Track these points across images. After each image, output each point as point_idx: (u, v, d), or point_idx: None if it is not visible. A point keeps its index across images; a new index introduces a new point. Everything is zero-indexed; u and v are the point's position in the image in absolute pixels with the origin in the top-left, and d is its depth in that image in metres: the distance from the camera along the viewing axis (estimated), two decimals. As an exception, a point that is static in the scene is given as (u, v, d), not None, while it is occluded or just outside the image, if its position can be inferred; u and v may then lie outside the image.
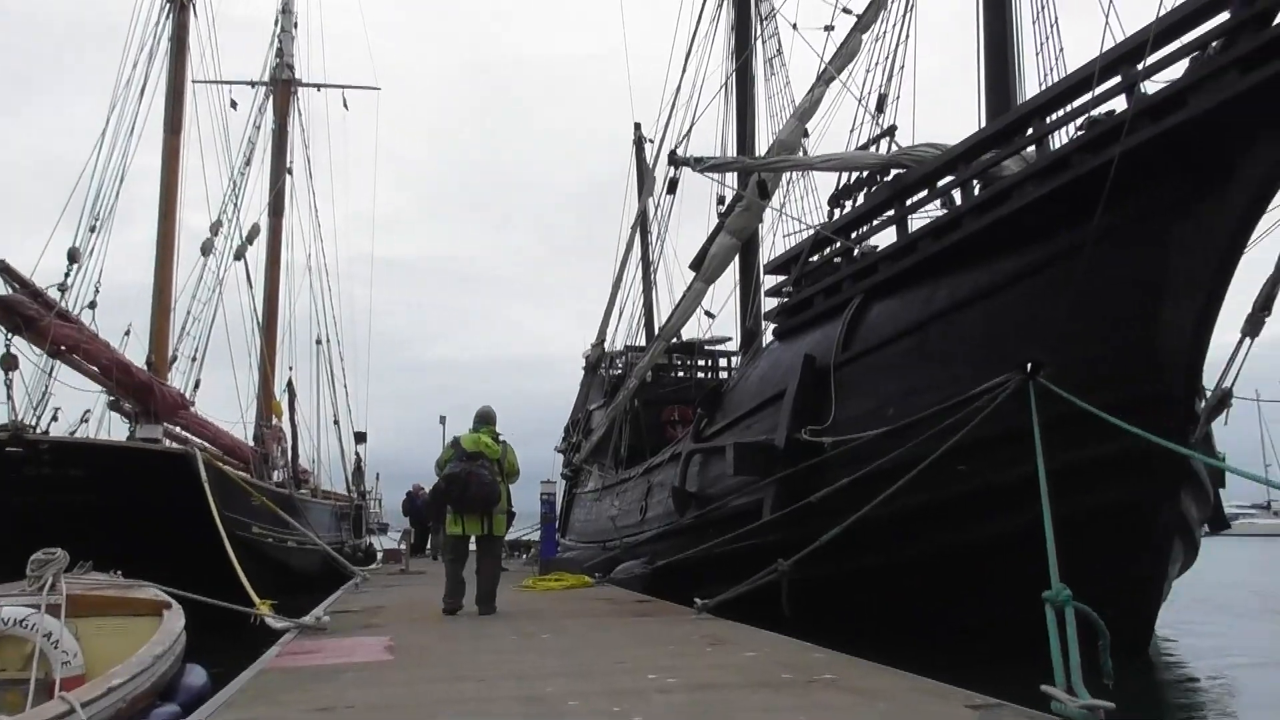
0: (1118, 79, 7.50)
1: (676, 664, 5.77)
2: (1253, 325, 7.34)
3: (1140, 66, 7.16)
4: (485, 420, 9.72)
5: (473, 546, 9.71)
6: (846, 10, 15.16)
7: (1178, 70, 7.21)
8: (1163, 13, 6.83)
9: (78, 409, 14.68)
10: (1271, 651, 10.84)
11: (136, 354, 15.27)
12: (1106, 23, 7.99)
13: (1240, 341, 7.39)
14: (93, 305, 14.34)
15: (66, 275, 13.34)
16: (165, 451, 13.06)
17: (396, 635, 7.54)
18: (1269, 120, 6.64)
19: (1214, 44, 6.88)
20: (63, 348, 12.55)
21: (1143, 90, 7.39)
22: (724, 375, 20.05)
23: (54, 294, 12.63)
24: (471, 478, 9.12)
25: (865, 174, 10.92)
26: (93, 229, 14.68)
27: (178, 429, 16.05)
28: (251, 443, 19.15)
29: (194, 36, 17.45)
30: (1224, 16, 6.81)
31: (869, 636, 7.08)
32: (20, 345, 11.81)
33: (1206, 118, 6.81)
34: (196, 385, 18.06)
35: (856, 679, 5.12)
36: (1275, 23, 6.49)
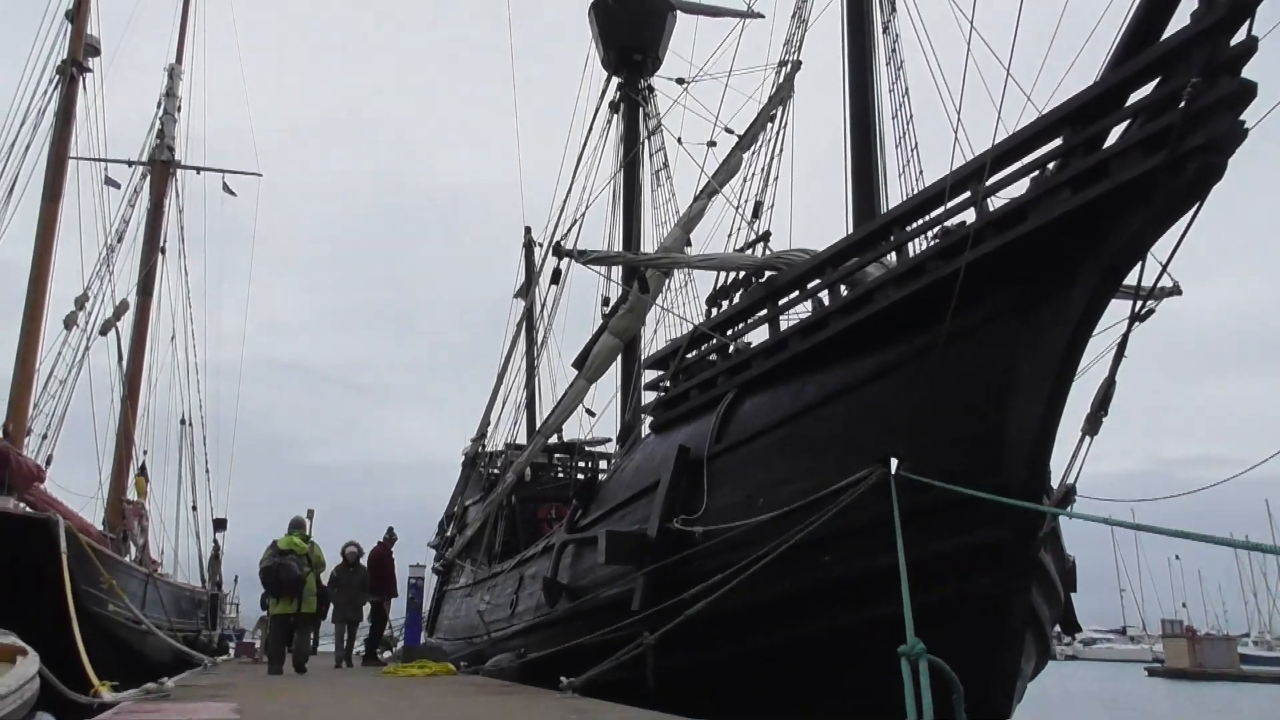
0: (967, 194, 8.14)
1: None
2: (1092, 424, 7.90)
3: (985, 184, 7.79)
4: (297, 526, 12.76)
5: None
6: (728, 130, 16.15)
7: (1024, 186, 7.89)
8: (1000, 139, 7.51)
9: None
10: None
11: (-12, 422, 14.63)
12: (956, 139, 8.67)
13: (1081, 440, 7.94)
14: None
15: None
16: (25, 517, 12.37)
17: (245, 702, 7.16)
18: (1098, 236, 7.29)
19: (1051, 165, 7.58)
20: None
21: (989, 205, 8.04)
22: (603, 476, 20.04)
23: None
24: (281, 569, 11.81)
25: (741, 275, 11.36)
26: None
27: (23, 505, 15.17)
28: (100, 527, 18.14)
29: (81, 109, 17.30)
30: (1059, 141, 7.53)
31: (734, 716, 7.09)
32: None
33: (1044, 231, 7.42)
34: (48, 462, 17.16)
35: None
36: (1104, 147, 7.21)
